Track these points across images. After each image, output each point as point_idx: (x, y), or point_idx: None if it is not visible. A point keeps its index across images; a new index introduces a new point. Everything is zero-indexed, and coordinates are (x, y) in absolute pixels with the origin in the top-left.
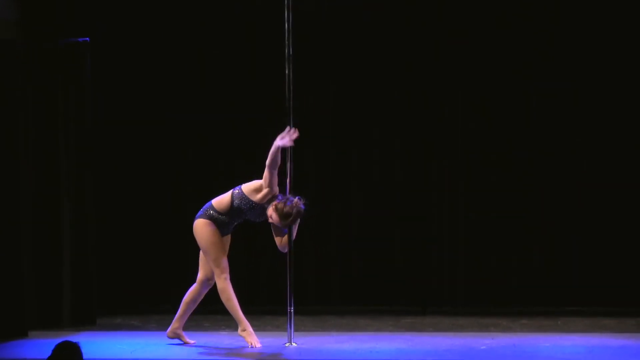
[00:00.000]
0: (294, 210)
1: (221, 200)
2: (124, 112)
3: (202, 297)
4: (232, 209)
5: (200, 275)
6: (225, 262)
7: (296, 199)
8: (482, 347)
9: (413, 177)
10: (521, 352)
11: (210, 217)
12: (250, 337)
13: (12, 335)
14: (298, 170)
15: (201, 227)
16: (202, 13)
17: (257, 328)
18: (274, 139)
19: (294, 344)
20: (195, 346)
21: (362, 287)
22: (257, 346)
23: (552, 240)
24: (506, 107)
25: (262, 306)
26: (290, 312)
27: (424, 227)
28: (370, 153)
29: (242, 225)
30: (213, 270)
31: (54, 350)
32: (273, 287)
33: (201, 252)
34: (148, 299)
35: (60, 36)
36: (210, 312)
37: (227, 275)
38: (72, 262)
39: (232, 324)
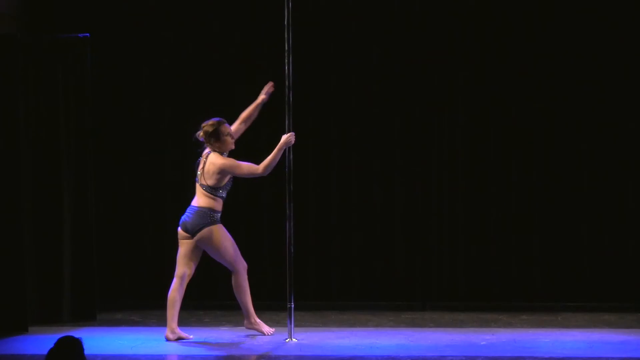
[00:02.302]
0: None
1: (211, 202)
2: (124, 108)
3: (184, 291)
4: (223, 199)
5: (179, 271)
6: (241, 257)
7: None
8: (482, 343)
9: (414, 173)
10: (522, 348)
11: (217, 220)
12: (263, 327)
13: (13, 331)
14: (298, 168)
15: (216, 232)
16: (202, 13)
17: None
18: (272, 138)
19: (294, 340)
20: (196, 341)
21: (363, 283)
22: (271, 332)
23: (553, 236)
24: (506, 106)
25: (263, 301)
26: (290, 307)
27: (425, 223)
28: (371, 150)
29: (244, 221)
30: (232, 268)
31: (55, 344)
32: (273, 283)
33: (182, 250)
34: (148, 294)
35: (61, 32)
36: (211, 307)
37: (245, 270)
38: (73, 258)
39: (232, 319)
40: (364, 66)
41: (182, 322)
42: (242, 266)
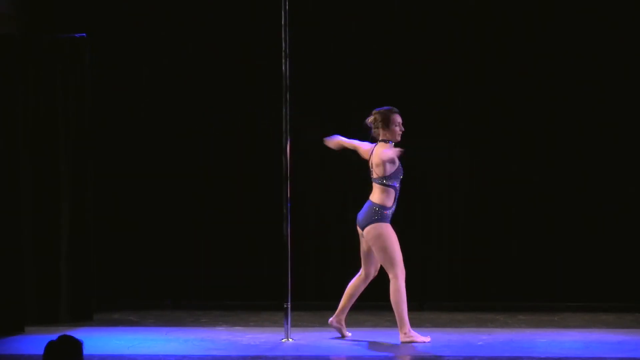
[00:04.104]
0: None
1: (381, 197)
2: (124, 108)
3: (359, 293)
4: (395, 190)
5: (363, 273)
6: (402, 264)
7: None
8: (479, 343)
9: (411, 171)
10: (519, 348)
11: (385, 218)
12: (418, 338)
13: (10, 331)
14: (296, 168)
15: (384, 230)
16: (201, 13)
17: (254, 323)
18: (270, 137)
19: (291, 340)
20: (192, 342)
21: None
22: (427, 340)
23: (551, 236)
24: (506, 106)
25: (261, 301)
26: (287, 307)
27: (422, 223)
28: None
29: (241, 221)
30: (390, 271)
31: (58, 338)
32: (271, 283)
33: (364, 250)
34: (146, 295)
35: (61, 32)
36: (209, 308)
37: (404, 277)
38: (71, 258)
39: (229, 320)
40: (363, 66)
41: (179, 322)
42: (401, 272)
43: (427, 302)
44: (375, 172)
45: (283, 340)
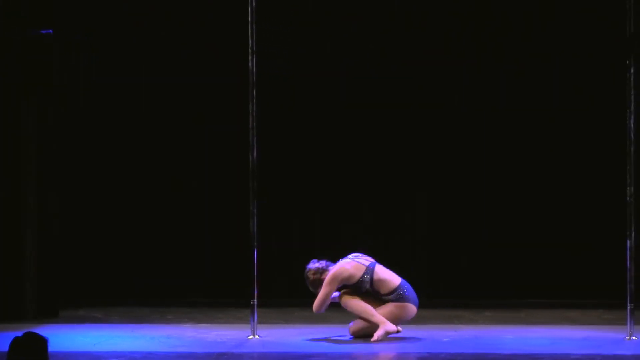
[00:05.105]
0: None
1: None
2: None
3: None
4: None
5: None
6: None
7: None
8: (445, 340)
9: (378, 172)
10: (484, 344)
11: None
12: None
13: None
14: (263, 168)
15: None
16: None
17: (220, 320)
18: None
19: (257, 337)
20: (158, 339)
21: None
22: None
23: (516, 232)
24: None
25: (227, 298)
26: (253, 304)
27: (387, 219)
28: (334, 150)
29: (208, 218)
30: None
31: (23, 334)
32: (237, 280)
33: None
34: (111, 291)
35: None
36: (175, 305)
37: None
38: (35, 255)
39: (195, 317)
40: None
41: (144, 319)
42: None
43: None
44: None
45: (249, 337)
